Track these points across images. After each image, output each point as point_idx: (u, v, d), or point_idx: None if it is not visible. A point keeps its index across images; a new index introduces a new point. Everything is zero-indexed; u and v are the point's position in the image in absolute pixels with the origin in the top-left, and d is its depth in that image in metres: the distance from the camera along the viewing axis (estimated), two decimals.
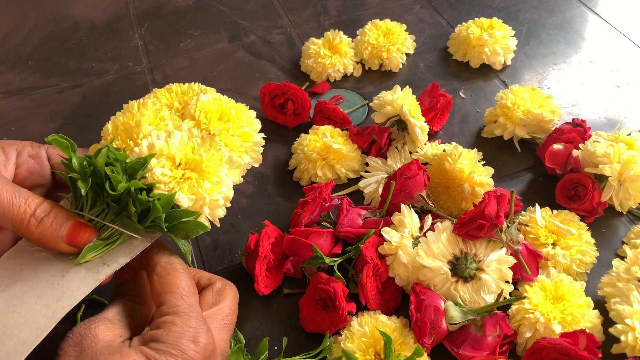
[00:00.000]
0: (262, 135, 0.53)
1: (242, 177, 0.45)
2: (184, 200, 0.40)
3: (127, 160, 0.38)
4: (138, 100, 0.50)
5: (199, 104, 0.50)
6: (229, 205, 0.44)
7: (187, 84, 0.59)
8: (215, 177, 0.42)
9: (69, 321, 0.48)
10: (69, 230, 0.36)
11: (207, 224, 0.40)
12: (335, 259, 0.48)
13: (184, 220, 0.38)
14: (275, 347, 0.47)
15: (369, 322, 0.44)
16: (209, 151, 0.43)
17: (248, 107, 0.54)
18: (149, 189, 0.38)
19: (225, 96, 0.53)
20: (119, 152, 0.39)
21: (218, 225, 0.42)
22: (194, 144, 0.43)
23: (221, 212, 0.43)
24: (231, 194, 0.44)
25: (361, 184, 0.59)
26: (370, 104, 0.63)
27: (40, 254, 0.38)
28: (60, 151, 0.40)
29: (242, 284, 0.52)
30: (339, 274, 0.47)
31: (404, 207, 0.50)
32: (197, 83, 0.60)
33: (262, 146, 0.53)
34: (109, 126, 0.48)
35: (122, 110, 0.50)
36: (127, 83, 0.75)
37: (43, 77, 0.77)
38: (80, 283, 0.36)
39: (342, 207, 0.52)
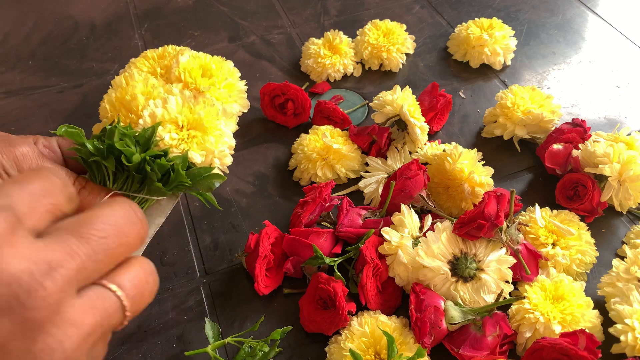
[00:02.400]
0: (244, 82, 0.57)
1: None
2: (197, 157, 0.44)
3: (136, 134, 0.41)
4: (123, 74, 0.52)
5: (181, 65, 0.53)
6: (232, 152, 0.49)
7: (160, 48, 0.61)
8: (217, 130, 0.47)
9: None
10: (104, 199, 0.39)
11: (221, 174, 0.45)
12: (335, 259, 0.48)
13: (204, 175, 0.42)
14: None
15: (369, 322, 0.44)
16: (205, 108, 0.47)
17: (224, 58, 0.57)
18: (165, 154, 0.41)
19: (200, 52, 0.56)
20: (127, 128, 0.41)
21: (227, 171, 0.47)
22: (190, 104, 0.46)
23: (229, 160, 0.48)
24: (233, 142, 0.49)
25: (361, 184, 0.58)
26: (370, 104, 0.63)
27: None
28: (68, 141, 0.41)
29: (242, 284, 0.52)
30: (339, 274, 0.47)
31: (404, 207, 0.50)
32: (170, 45, 0.61)
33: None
34: (106, 105, 0.51)
35: (111, 87, 0.52)
36: None
37: (43, 77, 0.77)
38: None
39: (342, 207, 0.52)
